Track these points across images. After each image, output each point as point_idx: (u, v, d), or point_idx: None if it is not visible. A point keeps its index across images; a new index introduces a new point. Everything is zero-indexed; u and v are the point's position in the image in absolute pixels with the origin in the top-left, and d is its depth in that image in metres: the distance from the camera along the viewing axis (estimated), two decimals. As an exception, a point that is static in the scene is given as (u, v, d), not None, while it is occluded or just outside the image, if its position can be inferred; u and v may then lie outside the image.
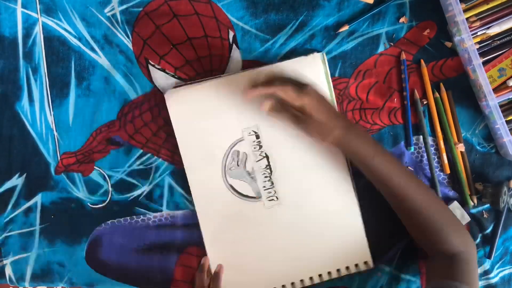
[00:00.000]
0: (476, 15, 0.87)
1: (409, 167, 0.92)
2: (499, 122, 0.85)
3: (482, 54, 0.89)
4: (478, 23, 0.87)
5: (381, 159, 0.83)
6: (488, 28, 0.88)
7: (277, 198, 0.91)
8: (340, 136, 0.82)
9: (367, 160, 0.83)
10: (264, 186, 0.91)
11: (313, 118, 0.81)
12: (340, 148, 0.85)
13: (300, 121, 0.83)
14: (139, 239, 0.94)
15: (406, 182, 0.83)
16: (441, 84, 0.92)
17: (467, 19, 0.86)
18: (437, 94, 0.92)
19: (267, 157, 0.90)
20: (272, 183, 0.91)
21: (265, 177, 0.91)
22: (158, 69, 0.92)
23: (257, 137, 0.90)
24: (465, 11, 0.87)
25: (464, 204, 0.92)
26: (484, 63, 0.88)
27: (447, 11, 0.90)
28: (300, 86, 0.81)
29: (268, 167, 0.90)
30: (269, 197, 0.91)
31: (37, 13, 0.92)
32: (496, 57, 0.89)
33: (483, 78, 0.84)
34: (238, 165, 0.91)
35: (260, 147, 0.91)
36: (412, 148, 0.92)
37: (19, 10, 0.92)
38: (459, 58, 0.92)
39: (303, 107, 0.81)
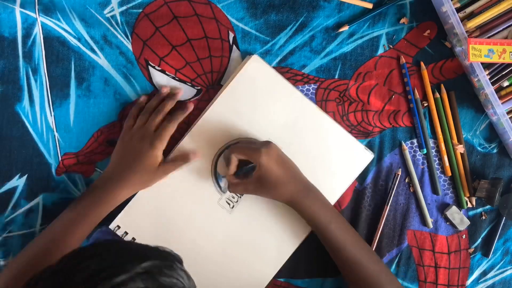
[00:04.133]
0: (476, 27, 0.87)
1: (400, 170, 0.93)
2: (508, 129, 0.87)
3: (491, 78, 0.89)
4: (477, 32, 0.87)
5: (336, 226, 0.85)
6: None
7: (233, 207, 0.92)
8: (295, 197, 0.85)
9: (322, 226, 0.85)
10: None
11: (269, 176, 0.83)
12: (295, 208, 0.86)
13: (256, 182, 0.85)
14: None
15: (359, 251, 0.85)
16: (442, 86, 0.92)
17: (466, 31, 0.86)
18: (437, 95, 0.92)
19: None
20: (242, 195, 0.92)
21: None
22: (158, 70, 0.92)
23: None
24: (462, 19, 0.87)
25: (460, 205, 0.93)
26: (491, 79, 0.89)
27: (445, 23, 0.90)
28: (260, 144, 0.85)
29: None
30: (229, 199, 0.92)
31: (36, 13, 0.91)
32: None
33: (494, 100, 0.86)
34: None
35: None
36: (425, 150, 0.93)
37: (18, 10, 0.91)
38: (458, 59, 0.92)
39: (260, 163, 0.83)
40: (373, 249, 0.92)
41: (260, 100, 0.91)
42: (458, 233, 0.94)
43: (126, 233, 0.91)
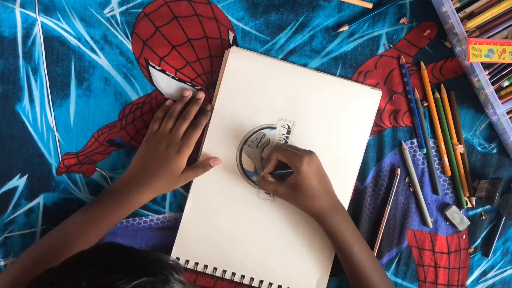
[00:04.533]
0: (476, 27, 0.87)
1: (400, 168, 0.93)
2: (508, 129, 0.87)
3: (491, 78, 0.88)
4: (477, 32, 0.87)
5: (358, 249, 0.85)
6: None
7: (273, 196, 0.92)
8: (324, 212, 0.85)
9: (346, 246, 0.85)
10: None
11: (305, 185, 0.84)
12: (320, 223, 0.87)
13: (289, 187, 0.85)
14: (141, 240, 0.94)
15: (376, 277, 0.85)
16: (442, 86, 0.92)
17: (466, 31, 0.86)
18: (437, 95, 0.92)
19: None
20: None
21: None
22: (159, 70, 0.92)
23: (288, 132, 0.91)
24: (462, 19, 0.87)
25: (460, 205, 0.93)
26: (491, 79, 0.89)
27: (445, 23, 0.90)
28: (303, 151, 0.85)
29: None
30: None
31: (36, 13, 0.91)
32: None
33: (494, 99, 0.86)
34: (256, 147, 0.92)
35: (285, 142, 0.91)
36: (425, 150, 0.93)
37: (18, 10, 0.91)
38: (458, 59, 0.92)
39: (300, 170, 0.83)
40: (375, 248, 0.93)
41: (255, 85, 0.91)
42: (458, 233, 0.94)
43: (187, 261, 0.93)
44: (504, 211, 0.92)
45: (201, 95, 0.91)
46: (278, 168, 0.89)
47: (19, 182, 0.94)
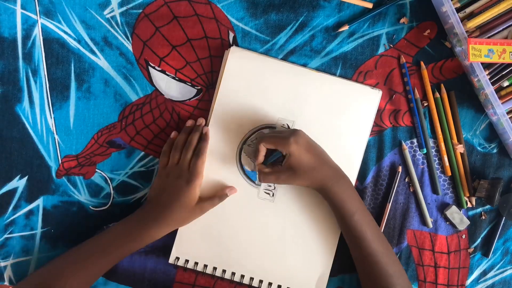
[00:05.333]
0: (476, 27, 0.87)
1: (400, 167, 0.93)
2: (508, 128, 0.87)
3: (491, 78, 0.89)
4: (477, 32, 0.87)
5: (360, 217, 0.85)
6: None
7: (273, 195, 0.92)
8: (326, 182, 0.85)
9: (347, 214, 0.85)
10: None
11: (301, 164, 0.83)
12: (324, 195, 0.87)
13: (288, 170, 0.85)
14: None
15: (377, 246, 0.85)
16: (442, 85, 0.92)
17: (466, 31, 0.86)
18: (437, 95, 0.92)
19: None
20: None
21: None
22: (159, 70, 0.92)
23: None
24: (462, 19, 0.87)
25: (460, 205, 0.93)
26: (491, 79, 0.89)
27: (445, 23, 0.90)
28: (288, 133, 0.84)
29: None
30: (266, 190, 0.92)
31: (36, 15, 0.91)
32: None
33: (494, 99, 0.86)
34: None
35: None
36: (425, 150, 0.93)
37: (19, 11, 0.91)
38: (458, 59, 0.92)
39: (291, 152, 0.83)
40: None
41: (255, 85, 0.91)
42: (458, 233, 0.94)
43: (187, 261, 0.92)
44: (504, 211, 0.92)
45: (202, 122, 0.92)
46: (267, 157, 0.89)
47: (19, 183, 0.94)
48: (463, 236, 0.94)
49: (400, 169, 0.93)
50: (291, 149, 0.83)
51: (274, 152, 0.88)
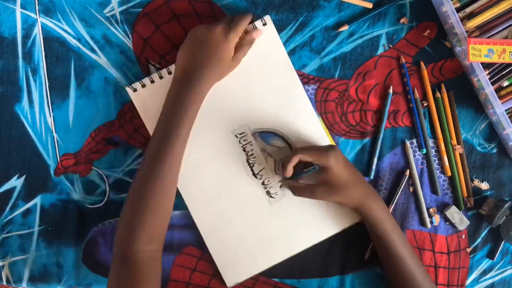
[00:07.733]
0: (476, 26, 0.87)
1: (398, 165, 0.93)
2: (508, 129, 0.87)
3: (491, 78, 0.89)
4: (477, 32, 0.87)
5: (398, 236, 0.84)
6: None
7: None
8: (364, 201, 0.84)
9: (387, 233, 0.84)
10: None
11: (339, 180, 0.83)
12: (361, 213, 0.86)
13: (324, 185, 0.84)
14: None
15: (415, 266, 0.85)
16: (442, 85, 0.92)
17: (466, 31, 0.86)
18: (438, 95, 0.92)
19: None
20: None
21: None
22: (159, 68, 0.92)
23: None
24: (462, 19, 0.87)
25: (459, 205, 0.93)
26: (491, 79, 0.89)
27: (445, 23, 0.90)
28: (326, 147, 0.84)
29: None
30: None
31: (36, 14, 0.92)
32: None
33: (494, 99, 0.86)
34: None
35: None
36: (424, 150, 0.92)
37: (19, 10, 0.91)
38: (458, 59, 0.92)
39: (329, 166, 0.82)
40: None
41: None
42: (457, 233, 0.94)
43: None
44: (505, 236, 0.91)
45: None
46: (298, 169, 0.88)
47: (16, 182, 0.94)
48: (463, 236, 0.94)
49: (408, 172, 0.92)
50: (330, 163, 0.82)
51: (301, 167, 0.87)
